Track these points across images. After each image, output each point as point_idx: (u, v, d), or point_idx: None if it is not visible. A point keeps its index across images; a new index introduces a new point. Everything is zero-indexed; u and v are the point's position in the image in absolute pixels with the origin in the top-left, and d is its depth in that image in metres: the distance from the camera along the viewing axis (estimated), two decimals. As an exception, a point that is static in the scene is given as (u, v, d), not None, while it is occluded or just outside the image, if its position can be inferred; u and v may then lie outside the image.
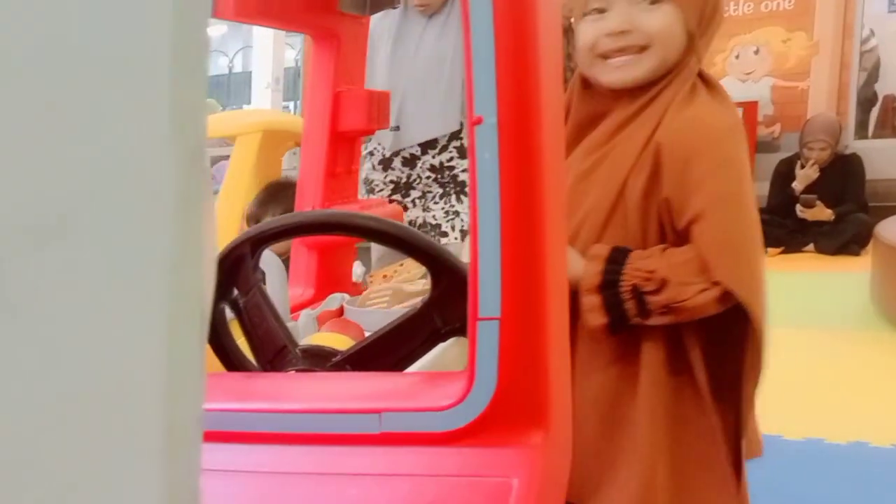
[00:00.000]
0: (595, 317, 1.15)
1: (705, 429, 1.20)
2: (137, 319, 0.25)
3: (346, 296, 1.68)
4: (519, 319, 0.71)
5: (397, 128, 2.76)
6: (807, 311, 4.12)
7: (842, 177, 5.50)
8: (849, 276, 4.56)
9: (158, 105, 0.25)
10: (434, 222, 2.83)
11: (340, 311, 1.69)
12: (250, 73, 12.88)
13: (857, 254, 5.11)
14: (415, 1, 2.73)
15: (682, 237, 1.15)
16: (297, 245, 1.77)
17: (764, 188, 5.78)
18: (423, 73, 2.74)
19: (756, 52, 6.18)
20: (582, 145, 1.23)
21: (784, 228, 5.46)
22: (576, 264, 1.15)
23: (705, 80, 1.21)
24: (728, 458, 1.20)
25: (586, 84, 1.25)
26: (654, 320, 1.14)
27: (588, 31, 1.20)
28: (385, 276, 1.70)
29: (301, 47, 9.51)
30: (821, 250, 5.36)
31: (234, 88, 13.10)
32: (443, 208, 2.80)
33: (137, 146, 0.25)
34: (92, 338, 0.25)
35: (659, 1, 1.16)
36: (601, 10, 1.20)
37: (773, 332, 3.40)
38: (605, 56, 1.19)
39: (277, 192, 2.76)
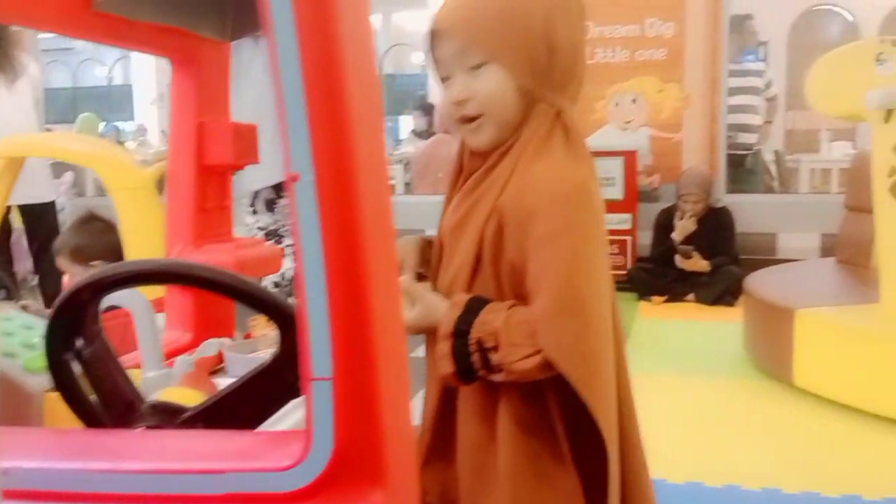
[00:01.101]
0: (444, 364, 1.15)
1: (566, 486, 1.20)
2: None
3: (227, 340, 1.64)
4: (351, 379, 0.71)
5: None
6: (688, 358, 4.27)
7: (715, 229, 5.69)
8: (725, 326, 4.72)
9: None
10: None
11: (220, 357, 1.65)
12: (130, 86, 12.40)
13: (731, 304, 5.28)
14: None
15: (526, 300, 1.16)
16: (170, 286, 1.70)
17: (646, 237, 5.96)
18: (252, 109, 2.62)
19: (634, 101, 6.33)
20: (459, 194, 1.25)
21: (666, 277, 5.63)
22: (441, 311, 1.17)
23: (567, 128, 1.19)
24: None
25: None
26: (495, 377, 1.14)
27: (442, 100, 1.23)
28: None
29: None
30: (700, 300, 5.53)
31: (115, 102, 12.54)
32: None
33: None
34: None
35: (482, 65, 1.17)
36: (446, 79, 1.22)
37: (658, 379, 3.49)
38: (458, 122, 1.22)
39: (83, 225, 2.72)
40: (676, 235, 5.62)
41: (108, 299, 1.49)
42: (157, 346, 1.50)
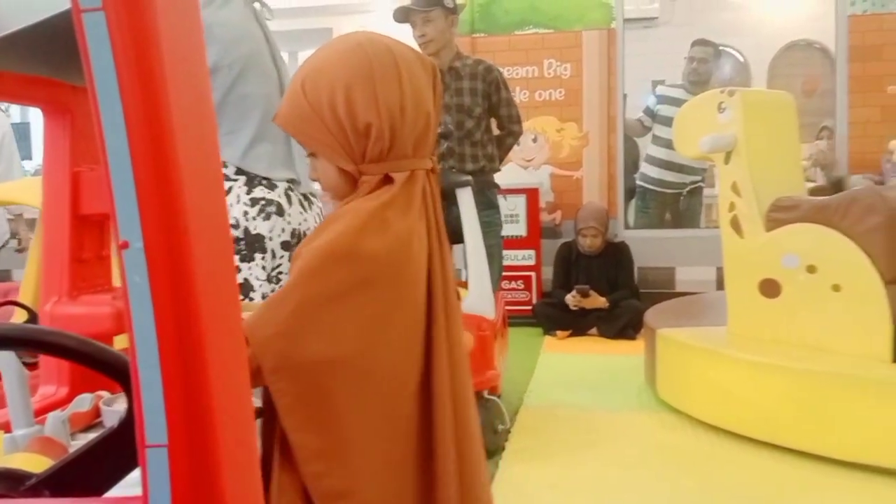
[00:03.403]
0: None
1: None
2: None
3: (105, 394, 1.59)
4: (188, 445, 0.70)
5: None
6: (590, 392, 4.33)
7: (615, 264, 5.83)
8: (627, 359, 4.83)
9: None
10: None
11: (96, 412, 1.60)
12: (28, 124, 12.14)
13: (632, 338, 5.40)
14: None
15: None
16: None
17: (550, 273, 6.05)
18: None
19: (534, 140, 6.48)
20: None
21: (570, 313, 5.71)
22: None
23: (391, 181, 1.25)
24: None
25: None
26: None
27: None
28: None
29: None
30: (602, 334, 5.64)
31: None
32: None
33: None
34: None
35: (313, 155, 1.29)
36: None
37: (562, 412, 3.54)
38: None
39: None
40: (571, 302, 5.74)
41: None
42: (26, 406, 1.45)
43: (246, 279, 2.28)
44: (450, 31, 3.94)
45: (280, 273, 2.33)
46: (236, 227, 2.28)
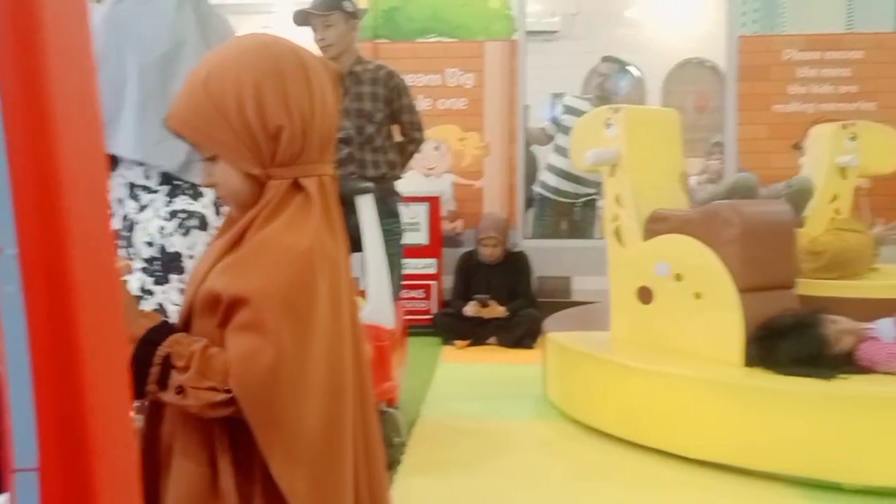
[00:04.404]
0: None
1: None
2: None
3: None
4: (61, 469, 0.65)
5: None
6: (488, 403, 4.34)
7: (514, 273, 5.87)
8: (525, 368, 4.84)
9: None
10: None
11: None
12: None
13: (531, 347, 5.43)
14: None
15: None
16: None
17: (451, 282, 6.05)
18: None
19: (437, 149, 6.47)
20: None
21: (469, 322, 5.72)
22: (129, 318, 1.15)
23: (307, 195, 1.20)
24: None
25: None
26: (167, 396, 1.14)
27: None
28: None
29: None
30: (501, 343, 5.66)
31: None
32: None
33: None
34: None
35: (213, 157, 1.22)
36: None
37: (461, 422, 3.55)
38: None
39: None
40: (470, 311, 5.75)
41: None
42: None
43: (160, 304, 2.02)
44: (350, 36, 3.88)
45: None
46: (151, 245, 2.02)
